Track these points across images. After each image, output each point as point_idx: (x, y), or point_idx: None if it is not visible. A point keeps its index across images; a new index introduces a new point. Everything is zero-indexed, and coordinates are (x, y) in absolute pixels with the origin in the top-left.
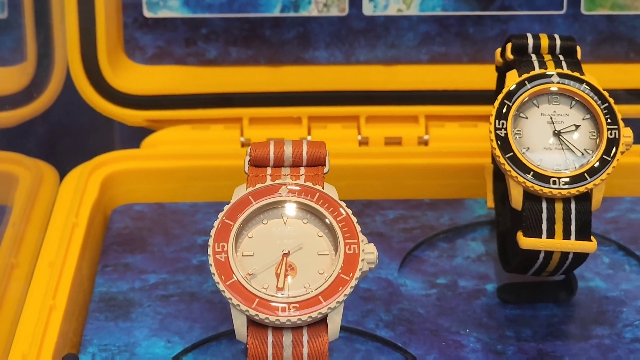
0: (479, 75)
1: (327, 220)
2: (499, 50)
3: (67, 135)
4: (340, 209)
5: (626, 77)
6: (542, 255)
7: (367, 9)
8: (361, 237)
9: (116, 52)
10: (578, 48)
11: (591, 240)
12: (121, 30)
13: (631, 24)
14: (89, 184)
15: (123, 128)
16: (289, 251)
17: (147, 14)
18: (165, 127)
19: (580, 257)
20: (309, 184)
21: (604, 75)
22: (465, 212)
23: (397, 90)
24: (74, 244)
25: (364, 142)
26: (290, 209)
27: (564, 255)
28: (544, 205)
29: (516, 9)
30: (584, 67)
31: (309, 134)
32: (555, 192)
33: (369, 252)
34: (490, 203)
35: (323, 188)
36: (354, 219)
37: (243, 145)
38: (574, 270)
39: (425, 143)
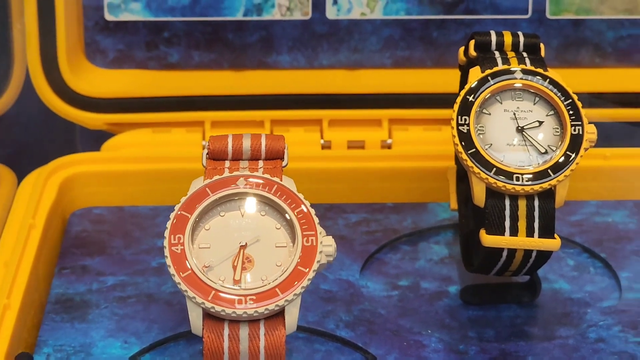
0: (442, 79)
1: (285, 212)
2: (462, 48)
3: (26, 139)
4: (299, 202)
5: (592, 81)
6: (505, 253)
7: (331, 13)
8: (319, 229)
9: (77, 55)
10: (542, 45)
11: (555, 238)
12: (82, 33)
13: (596, 29)
14: (47, 187)
15: (83, 131)
16: (246, 243)
17: (109, 17)
18: (126, 131)
19: (544, 255)
20: (267, 176)
21: (570, 79)
22: (429, 215)
23: (360, 93)
24: (30, 245)
25: (326, 146)
26: (248, 201)
27: (527, 253)
28: (507, 202)
29: (481, 13)
30: (550, 71)
31: None
32: (518, 188)
33: (327, 245)
34: (454, 204)
35: (281, 180)
36: (312, 211)
37: (205, 148)
38: (538, 271)
39: (389, 147)
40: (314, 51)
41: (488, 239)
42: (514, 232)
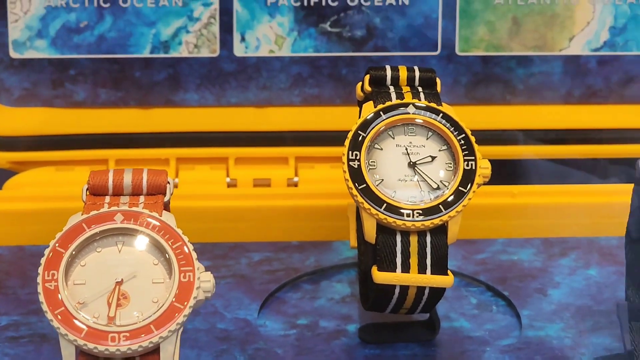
0: (351, 117)
1: (163, 248)
2: (359, 84)
3: None
4: (177, 237)
5: (503, 119)
6: (397, 290)
7: (239, 50)
8: (197, 264)
9: None
10: (438, 80)
11: (447, 275)
12: None
13: (506, 65)
14: None
15: None
16: (122, 279)
17: (14, 54)
18: (29, 169)
19: (438, 292)
20: (146, 211)
21: (481, 117)
22: (333, 254)
23: (267, 131)
24: None
25: (232, 184)
26: (126, 236)
27: (420, 290)
28: (399, 238)
29: (390, 50)
30: (459, 108)
31: (177, 176)
32: (409, 224)
33: (205, 280)
34: (353, 242)
35: (161, 216)
36: (191, 247)
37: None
38: (440, 310)
39: (295, 185)
40: (222, 89)
41: (379, 276)
42: (406, 268)
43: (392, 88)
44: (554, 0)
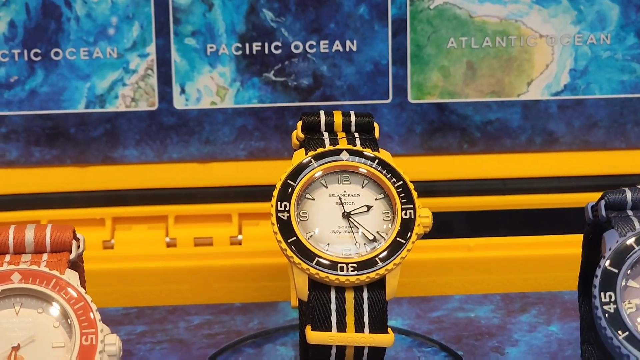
0: None
1: (63, 309)
2: (295, 132)
3: None
4: (80, 297)
5: (460, 169)
6: (333, 350)
7: (179, 103)
8: (101, 326)
9: None
10: (376, 125)
11: (387, 333)
12: None
13: (463, 113)
14: None
15: None
16: (18, 344)
17: None
18: None
19: (378, 352)
20: (46, 270)
21: (437, 167)
22: (278, 315)
23: (209, 187)
24: None
25: (172, 244)
26: (24, 297)
27: (359, 350)
28: (333, 294)
29: (338, 99)
30: (414, 159)
31: (112, 237)
32: (342, 279)
33: (109, 343)
34: (294, 301)
35: (63, 274)
36: (94, 307)
37: None
38: None
39: (239, 243)
40: (163, 144)
41: (313, 336)
42: (342, 327)
43: (326, 134)
44: (510, 43)
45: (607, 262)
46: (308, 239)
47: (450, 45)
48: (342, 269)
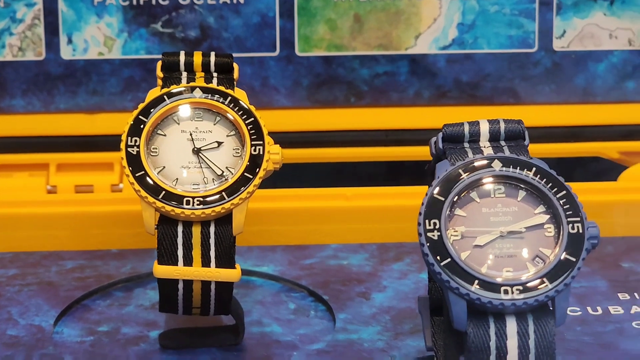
0: None
1: None
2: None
3: None
4: None
5: (347, 122)
6: (181, 285)
7: (66, 53)
8: None
9: None
10: (235, 65)
11: (234, 268)
12: None
13: (350, 66)
14: None
15: None
16: None
17: None
18: None
19: (226, 288)
20: None
21: (324, 120)
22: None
23: (92, 135)
24: None
25: (52, 191)
26: None
27: (206, 285)
28: (180, 229)
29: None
30: (301, 112)
31: None
32: (188, 212)
33: None
34: None
35: None
36: None
37: None
38: (241, 311)
39: (120, 191)
40: (50, 94)
41: (159, 270)
42: (188, 261)
43: (185, 74)
44: None
45: (435, 190)
46: (157, 173)
47: None
48: (188, 202)
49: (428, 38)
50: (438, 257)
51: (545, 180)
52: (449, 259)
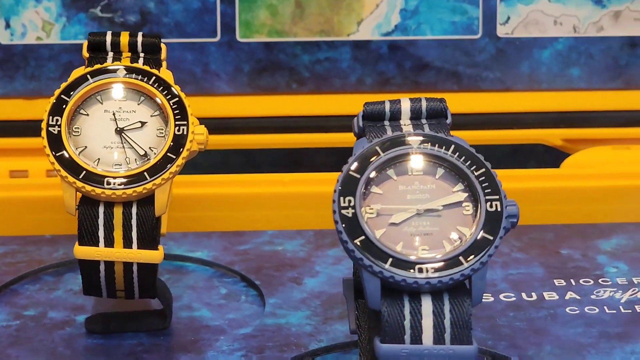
0: None
1: None
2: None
3: None
4: None
5: (290, 108)
6: (102, 267)
7: (3, 37)
8: None
9: None
10: (163, 46)
11: (157, 249)
12: None
13: (291, 52)
14: None
15: None
16: None
17: None
18: None
19: (149, 270)
20: None
21: (266, 106)
22: None
23: (28, 120)
24: None
25: None
26: None
27: (128, 266)
28: (101, 209)
29: (166, 36)
30: (242, 98)
31: None
32: (109, 192)
33: None
34: None
35: None
36: None
37: None
38: (169, 295)
39: (56, 176)
40: None
41: (80, 251)
42: (109, 242)
43: (111, 54)
44: None
45: (350, 167)
46: (78, 153)
47: None
48: (109, 183)
49: (370, 24)
50: (352, 235)
51: (464, 158)
52: (363, 237)
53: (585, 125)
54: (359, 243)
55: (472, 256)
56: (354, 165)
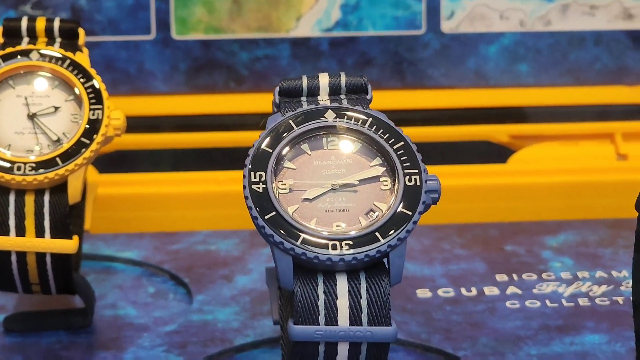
0: None
1: None
2: None
3: None
4: None
5: (228, 107)
6: (14, 257)
7: None
8: None
9: None
10: (81, 31)
11: (71, 239)
12: None
13: (229, 50)
14: None
15: None
16: None
17: None
18: None
19: (62, 260)
20: None
21: (202, 105)
22: None
23: None
24: None
25: None
26: None
27: (41, 257)
28: (12, 197)
29: (99, 34)
30: (179, 98)
31: None
32: (19, 179)
33: None
34: None
35: None
36: None
37: None
38: (92, 293)
39: None
40: None
41: None
42: (21, 232)
43: (27, 39)
44: None
45: (262, 142)
46: None
47: None
48: (19, 169)
49: (310, 20)
50: (262, 211)
51: (382, 131)
52: (273, 213)
53: (532, 121)
54: (269, 219)
55: (389, 232)
56: (266, 140)
